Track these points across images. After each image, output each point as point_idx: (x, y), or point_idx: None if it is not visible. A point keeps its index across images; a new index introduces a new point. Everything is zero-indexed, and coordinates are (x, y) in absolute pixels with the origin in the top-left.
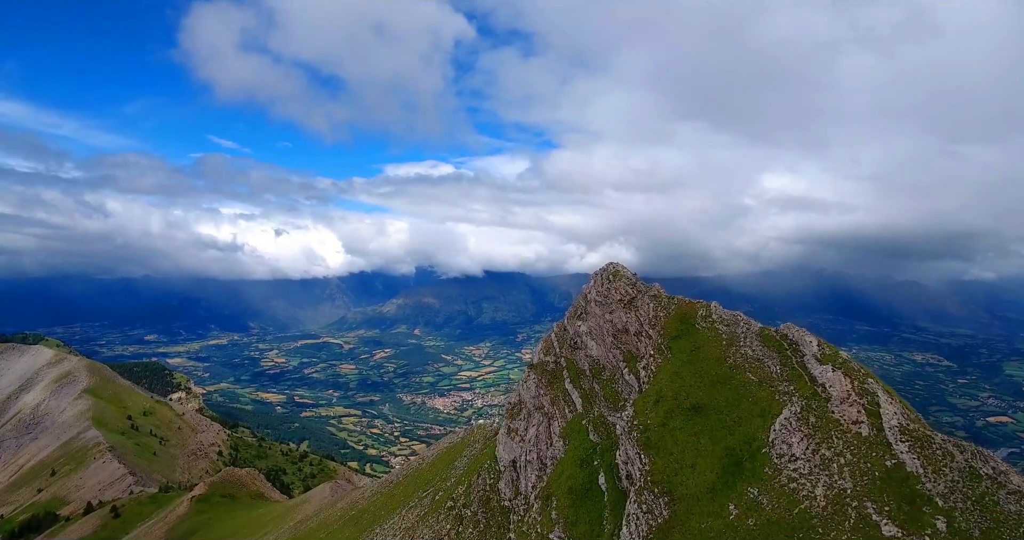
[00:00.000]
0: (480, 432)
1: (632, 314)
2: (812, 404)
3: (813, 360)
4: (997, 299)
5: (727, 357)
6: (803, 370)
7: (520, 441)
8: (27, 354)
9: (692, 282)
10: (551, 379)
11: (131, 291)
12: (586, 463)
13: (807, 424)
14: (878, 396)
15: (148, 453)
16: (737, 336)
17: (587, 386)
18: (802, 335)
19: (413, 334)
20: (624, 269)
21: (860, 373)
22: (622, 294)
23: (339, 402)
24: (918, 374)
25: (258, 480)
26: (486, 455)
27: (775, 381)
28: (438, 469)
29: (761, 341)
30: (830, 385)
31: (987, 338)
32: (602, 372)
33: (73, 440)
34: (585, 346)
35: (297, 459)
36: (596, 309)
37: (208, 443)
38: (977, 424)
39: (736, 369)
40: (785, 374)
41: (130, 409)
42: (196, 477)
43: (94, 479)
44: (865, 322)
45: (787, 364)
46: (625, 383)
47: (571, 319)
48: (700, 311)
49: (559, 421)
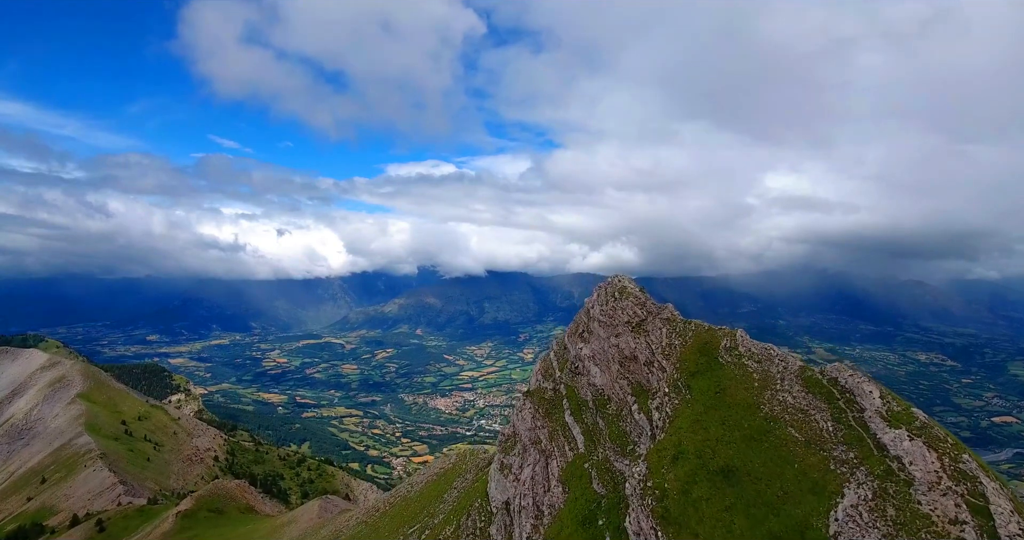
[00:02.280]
0: (472, 459)
1: (641, 339)
2: (887, 486)
3: (877, 418)
4: (1001, 298)
5: (761, 404)
6: (864, 431)
7: (514, 480)
8: (20, 358)
9: (695, 282)
10: (549, 409)
11: (134, 291)
12: (589, 522)
13: (884, 517)
14: (981, 482)
15: (141, 459)
16: (772, 377)
17: (590, 420)
18: (858, 381)
19: (415, 334)
20: (631, 285)
21: (948, 445)
22: (629, 315)
23: (341, 402)
24: (922, 374)
25: (248, 493)
26: (477, 490)
27: (827, 443)
28: (427, 500)
29: (804, 385)
30: (909, 461)
31: (991, 338)
32: (607, 405)
33: (64, 447)
34: (588, 372)
35: (295, 464)
36: (600, 330)
37: (204, 448)
38: (982, 424)
39: (774, 421)
40: (840, 433)
41: (124, 414)
42: (191, 484)
43: (84, 488)
44: (869, 322)
45: (841, 420)
46: (634, 422)
47: (572, 337)
48: (723, 341)
49: (558, 460)
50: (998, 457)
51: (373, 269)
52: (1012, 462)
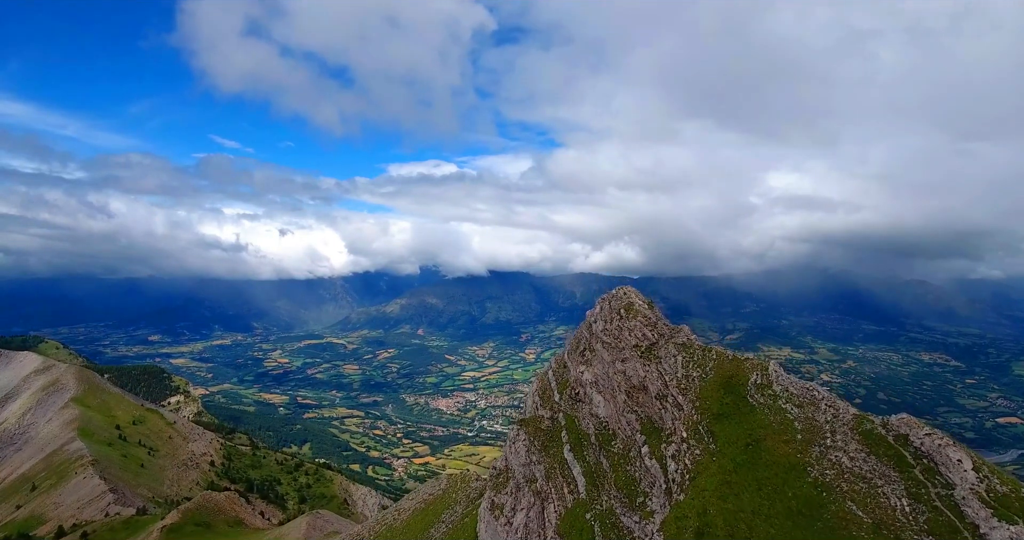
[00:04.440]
0: (463, 488)
1: (652, 367)
2: None
3: (974, 501)
4: (1005, 298)
5: (808, 464)
6: (957, 518)
7: (506, 524)
8: (14, 361)
9: (697, 281)
10: (546, 442)
11: (136, 291)
12: None
13: None
14: None
15: (135, 465)
16: (819, 427)
17: (592, 459)
18: (939, 444)
19: (417, 334)
20: (639, 300)
21: None
22: (638, 338)
23: (342, 403)
24: (926, 374)
25: (237, 505)
26: (466, 529)
27: (905, 530)
28: (412, 533)
29: (862, 442)
30: None
31: (995, 337)
32: (612, 441)
33: (56, 452)
34: (590, 400)
35: (292, 469)
36: (604, 353)
37: (200, 453)
38: (986, 425)
39: (828, 491)
40: (922, 517)
41: (119, 418)
42: (185, 490)
43: (73, 496)
44: (872, 322)
45: (921, 497)
46: (644, 468)
47: (572, 355)
48: (752, 376)
49: (555, 505)
50: (1003, 458)
51: (375, 269)
52: (1017, 464)
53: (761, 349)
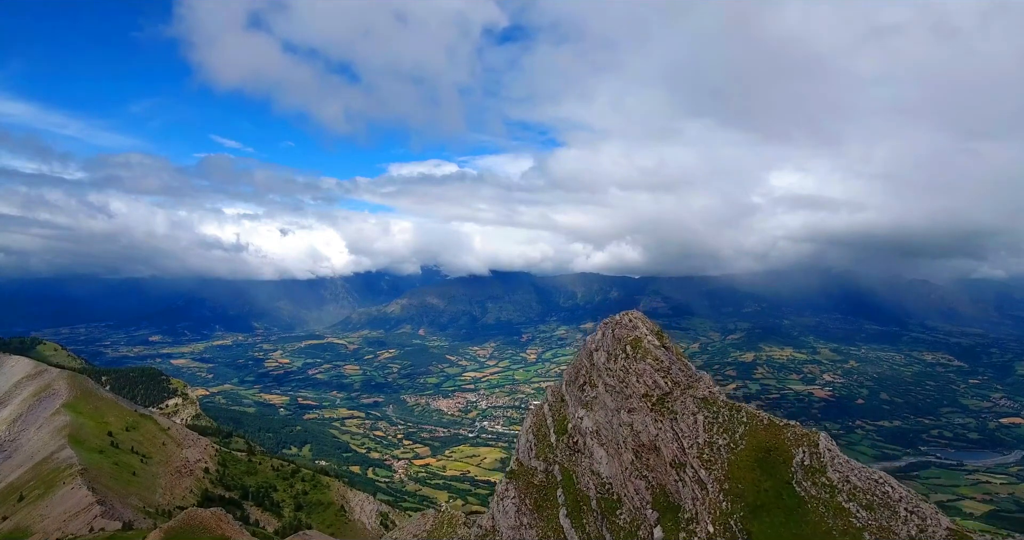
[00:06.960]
0: (449, 529)
1: (665, 424)
2: None
3: None
4: (1008, 298)
5: None
6: None
7: None
8: (5, 366)
9: (699, 281)
10: (539, 500)
11: (137, 291)
12: None
13: None
14: None
15: (127, 474)
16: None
17: (593, 529)
18: None
19: (418, 334)
20: (648, 335)
21: None
22: (648, 385)
23: (343, 404)
24: (928, 374)
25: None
26: None
27: None
28: None
29: None
30: None
31: (998, 337)
32: (616, 509)
33: (46, 461)
34: (590, 453)
35: (288, 475)
36: (607, 397)
37: (194, 460)
38: (990, 426)
39: None
40: None
41: (111, 424)
42: (178, 499)
43: (60, 507)
44: (874, 321)
45: None
46: None
47: (570, 387)
48: (799, 454)
49: None
50: (1007, 460)
51: (376, 269)
52: (1021, 464)
53: (763, 349)
